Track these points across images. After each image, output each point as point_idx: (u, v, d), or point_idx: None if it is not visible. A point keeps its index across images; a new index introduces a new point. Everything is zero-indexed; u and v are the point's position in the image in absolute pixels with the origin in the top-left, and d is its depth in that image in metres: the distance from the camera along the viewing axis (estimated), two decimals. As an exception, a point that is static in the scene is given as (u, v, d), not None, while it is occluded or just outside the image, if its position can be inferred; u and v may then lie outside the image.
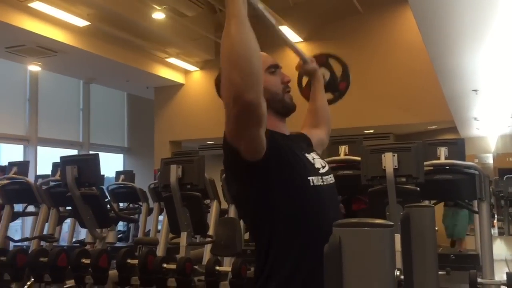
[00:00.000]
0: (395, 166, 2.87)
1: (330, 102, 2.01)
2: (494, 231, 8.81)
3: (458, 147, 3.80)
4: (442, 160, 3.59)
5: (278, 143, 1.37)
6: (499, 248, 7.69)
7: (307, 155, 1.51)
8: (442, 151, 3.65)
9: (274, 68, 1.51)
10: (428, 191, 3.08)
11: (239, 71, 1.16)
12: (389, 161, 2.87)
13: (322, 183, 1.45)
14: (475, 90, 6.49)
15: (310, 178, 1.41)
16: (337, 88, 2.06)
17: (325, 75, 2.02)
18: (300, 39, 9.46)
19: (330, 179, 1.51)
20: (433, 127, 9.46)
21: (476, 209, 3.71)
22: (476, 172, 3.30)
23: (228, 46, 1.18)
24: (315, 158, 1.53)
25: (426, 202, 3.61)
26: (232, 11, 1.19)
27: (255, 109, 1.19)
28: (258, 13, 1.36)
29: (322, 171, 1.49)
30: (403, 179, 2.89)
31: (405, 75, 8.60)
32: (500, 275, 3.09)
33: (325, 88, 1.96)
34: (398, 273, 0.73)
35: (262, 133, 1.27)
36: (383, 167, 2.89)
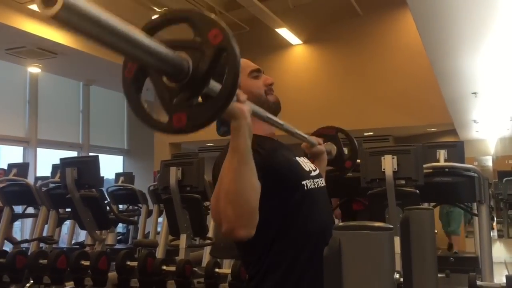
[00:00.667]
0: (395, 168, 2.87)
1: (331, 172, 1.96)
2: (494, 233, 8.82)
3: (457, 149, 3.80)
4: (442, 163, 3.60)
5: (270, 157, 1.37)
6: (498, 250, 7.69)
7: (297, 158, 1.52)
8: (442, 154, 3.66)
9: (256, 73, 1.53)
10: (427, 193, 3.08)
11: (235, 208, 1.16)
12: (389, 163, 2.87)
13: (314, 186, 1.46)
14: (475, 93, 6.50)
15: (304, 182, 1.43)
16: (342, 165, 2.04)
17: (332, 151, 1.99)
18: (299, 41, 9.48)
19: (321, 182, 1.53)
20: (433, 129, 9.47)
21: (475, 211, 3.72)
22: (476, 174, 3.31)
23: (227, 180, 1.17)
24: (305, 162, 1.55)
25: (426, 205, 3.62)
26: (237, 146, 1.16)
27: (246, 240, 1.21)
28: (268, 120, 1.36)
29: (313, 174, 1.51)
30: (403, 182, 2.89)
31: (405, 77, 8.61)
32: (500, 278, 3.09)
33: (330, 163, 1.92)
34: (397, 276, 0.74)
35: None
36: (382, 170, 2.90)
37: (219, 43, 0.90)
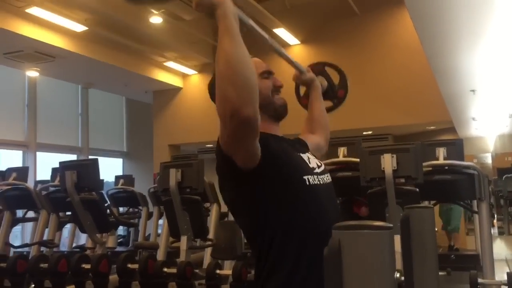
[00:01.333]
0: (394, 167, 2.87)
1: (330, 109, 2.02)
2: (494, 230, 8.83)
3: (456, 147, 3.80)
4: (441, 161, 3.59)
5: (272, 147, 1.38)
6: (499, 247, 7.70)
7: (301, 154, 1.52)
8: (441, 152, 3.66)
9: (267, 74, 1.53)
10: (427, 191, 3.09)
11: (235, 86, 1.17)
12: (388, 162, 2.88)
13: (318, 182, 1.45)
14: (473, 90, 6.50)
15: (305, 177, 1.42)
16: (335, 95, 2.07)
17: (322, 83, 2.03)
18: (297, 42, 9.48)
19: (327, 178, 1.52)
20: (432, 127, 9.47)
21: (475, 209, 3.72)
22: (475, 172, 3.31)
23: (222, 62, 1.19)
24: (310, 158, 1.54)
25: (426, 203, 3.61)
26: (225, 27, 1.20)
27: (253, 123, 1.20)
28: (250, 30, 1.37)
29: (317, 170, 1.50)
30: (402, 180, 2.89)
31: (403, 76, 8.61)
32: (501, 275, 3.09)
33: (323, 96, 1.97)
34: (398, 275, 0.74)
35: (257, 143, 1.28)
36: (382, 169, 2.90)
37: None
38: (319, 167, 1.53)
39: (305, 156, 1.52)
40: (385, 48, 8.94)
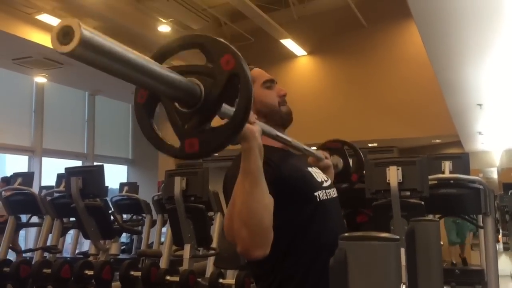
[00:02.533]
0: (400, 180, 2.86)
1: (339, 187, 1.96)
2: (499, 246, 8.75)
3: (462, 161, 3.79)
4: (447, 174, 3.58)
5: (282, 172, 1.36)
6: (504, 263, 7.63)
7: (309, 169, 1.52)
8: (447, 165, 3.64)
9: (270, 83, 1.53)
10: (432, 205, 3.07)
11: (249, 229, 1.17)
12: (394, 174, 2.87)
13: (326, 197, 1.46)
14: (480, 104, 6.49)
15: (316, 193, 1.42)
16: (349, 179, 2.05)
17: (338, 164, 2.01)
18: (304, 53, 9.51)
19: (333, 192, 1.52)
20: (437, 141, 9.44)
21: (481, 223, 3.69)
22: (481, 186, 3.29)
23: (239, 202, 1.18)
24: (317, 172, 1.54)
25: (431, 216, 3.59)
26: (248, 168, 1.16)
27: (261, 258, 1.22)
28: (276, 138, 1.36)
29: (325, 184, 1.50)
30: (408, 193, 2.87)
31: (409, 88, 8.61)
32: (506, 291, 3.06)
33: (337, 176, 1.93)
34: (404, 287, 0.73)
35: None
36: (387, 181, 2.89)
37: (232, 68, 0.90)
38: (326, 181, 1.53)
39: (312, 170, 1.52)
40: (392, 61, 8.96)
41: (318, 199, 1.41)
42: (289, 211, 1.35)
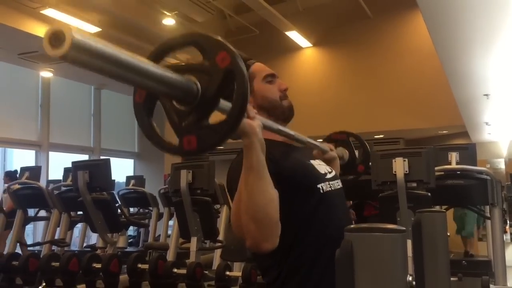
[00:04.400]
0: (406, 171, 2.85)
1: (343, 175, 1.97)
2: (507, 237, 8.72)
3: (469, 152, 3.77)
4: (454, 165, 3.57)
5: (283, 164, 1.38)
6: (511, 254, 7.60)
7: (312, 161, 1.52)
8: (453, 156, 3.63)
9: (271, 78, 1.53)
10: (439, 196, 3.06)
11: (257, 223, 1.19)
12: (400, 166, 2.86)
13: (330, 189, 1.46)
14: (487, 95, 6.45)
15: (319, 185, 1.42)
16: (355, 170, 2.05)
17: (344, 155, 2.00)
18: (309, 44, 9.47)
19: (337, 184, 1.52)
20: (444, 132, 9.40)
21: (488, 214, 3.68)
22: (488, 177, 3.28)
23: (245, 197, 1.20)
24: (320, 164, 1.54)
25: (437, 208, 3.58)
26: (250, 164, 1.17)
27: (271, 251, 1.24)
28: (278, 132, 1.36)
29: (328, 176, 1.50)
30: (414, 184, 2.87)
31: (416, 79, 8.56)
32: (513, 282, 3.06)
33: (343, 168, 1.92)
34: (410, 278, 0.73)
35: None
36: (393, 172, 2.88)
37: (227, 66, 0.91)
38: (329, 172, 1.53)
39: (315, 162, 1.53)
40: (398, 52, 8.90)
41: (321, 191, 1.41)
42: (293, 204, 1.36)
